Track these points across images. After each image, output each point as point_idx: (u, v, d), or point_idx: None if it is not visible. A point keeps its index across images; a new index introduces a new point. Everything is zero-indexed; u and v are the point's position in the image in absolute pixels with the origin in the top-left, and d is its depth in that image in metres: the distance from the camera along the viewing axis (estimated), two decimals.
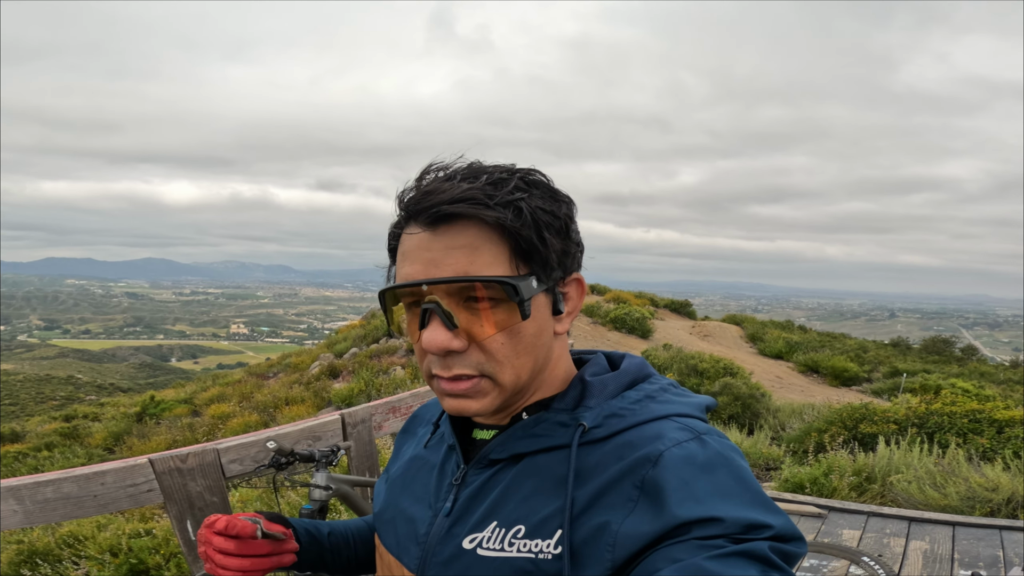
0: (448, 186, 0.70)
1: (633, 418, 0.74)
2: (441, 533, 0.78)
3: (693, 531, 0.62)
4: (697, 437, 0.71)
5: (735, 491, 0.66)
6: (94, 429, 15.93)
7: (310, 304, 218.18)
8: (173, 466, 2.21)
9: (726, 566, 0.59)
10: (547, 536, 0.69)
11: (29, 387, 41.42)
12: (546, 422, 0.76)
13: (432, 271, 0.70)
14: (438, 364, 0.73)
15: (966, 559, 2.97)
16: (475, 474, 0.79)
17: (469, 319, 0.70)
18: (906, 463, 4.70)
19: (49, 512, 2.12)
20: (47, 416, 22.36)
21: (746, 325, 23.94)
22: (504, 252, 0.70)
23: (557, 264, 0.73)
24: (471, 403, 0.74)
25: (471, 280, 0.69)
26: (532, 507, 0.72)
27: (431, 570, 0.77)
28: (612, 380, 0.79)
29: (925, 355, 22.79)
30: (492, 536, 0.73)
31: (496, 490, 0.76)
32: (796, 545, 0.64)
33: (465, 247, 0.69)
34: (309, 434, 2.47)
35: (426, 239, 0.71)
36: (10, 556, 4.84)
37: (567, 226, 0.74)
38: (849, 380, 16.89)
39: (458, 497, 0.79)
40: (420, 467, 0.88)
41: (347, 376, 15.84)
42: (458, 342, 0.71)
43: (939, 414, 6.35)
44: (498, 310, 0.70)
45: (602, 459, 0.71)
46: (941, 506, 3.92)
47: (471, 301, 0.70)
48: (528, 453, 0.76)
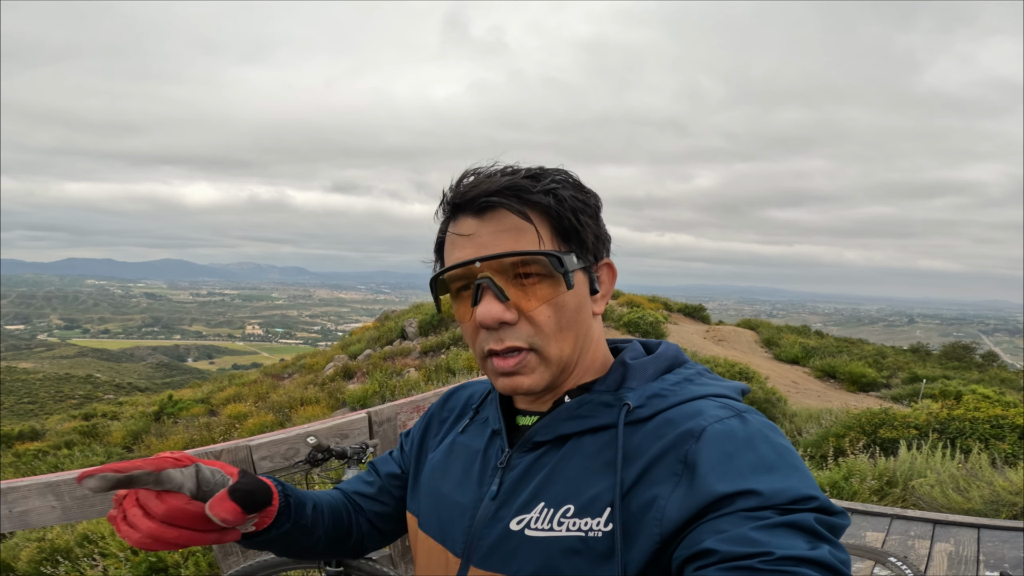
0: (491, 179, 0.78)
1: (674, 398, 0.77)
2: (487, 516, 0.79)
3: (737, 503, 0.63)
4: (738, 415, 0.74)
5: (778, 465, 0.67)
6: (113, 428, 16.13)
7: (324, 306, 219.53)
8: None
9: (773, 536, 0.60)
10: (596, 514, 0.71)
11: (48, 386, 42.00)
12: (590, 403, 0.79)
13: (482, 253, 0.77)
14: (492, 338, 0.78)
15: (991, 560, 2.96)
16: (520, 457, 0.81)
17: (517, 294, 0.77)
18: (929, 467, 4.66)
19: (87, 508, 2.15)
20: (66, 415, 22.65)
21: (761, 330, 23.76)
22: (547, 233, 0.77)
23: (592, 245, 0.80)
24: (523, 379, 0.78)
25: (520, 254, 0.75)
26: (580, 486, 0.74)
27: (477, 553, 0.78)
28: (651, 363, 0.83)
29: (945, 361, 22.49)
30: (540, 516, 0.74)
31: (542, 472, 0.78)
32: (840, 518, 0.65)
33: (511, 229, 0.76)
34: (337, 432, 2.51)
35: (474, 226, 0.78)
36: (31, 554, 4.91)
37: (597, 214, 0.83)
38: (867, 386, 16.71)
39: (503, 480, 0.81)
40: (461, 452, 0.90)
41: (361, 377, 15.93)
42: (510, 314, 0.76)
43: (961, 419, 6.29)
44: (543, 284, 0.77)
45: (645, 437, 0.74)
46: (965, 510, 3.89)
47: (519, 278, 0.76)
48: (573, 434, 0.79)
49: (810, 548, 0.59)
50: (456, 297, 0.81)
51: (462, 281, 0.80)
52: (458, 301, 0.81)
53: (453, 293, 0.82)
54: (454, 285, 0.81)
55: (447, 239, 0.82)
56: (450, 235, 0.81)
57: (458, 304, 0.81)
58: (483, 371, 0.83)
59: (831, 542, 0.62)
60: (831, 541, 0.62)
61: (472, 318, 0.79)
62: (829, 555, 0.60)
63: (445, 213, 0.82)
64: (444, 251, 0.83)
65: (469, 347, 0.84)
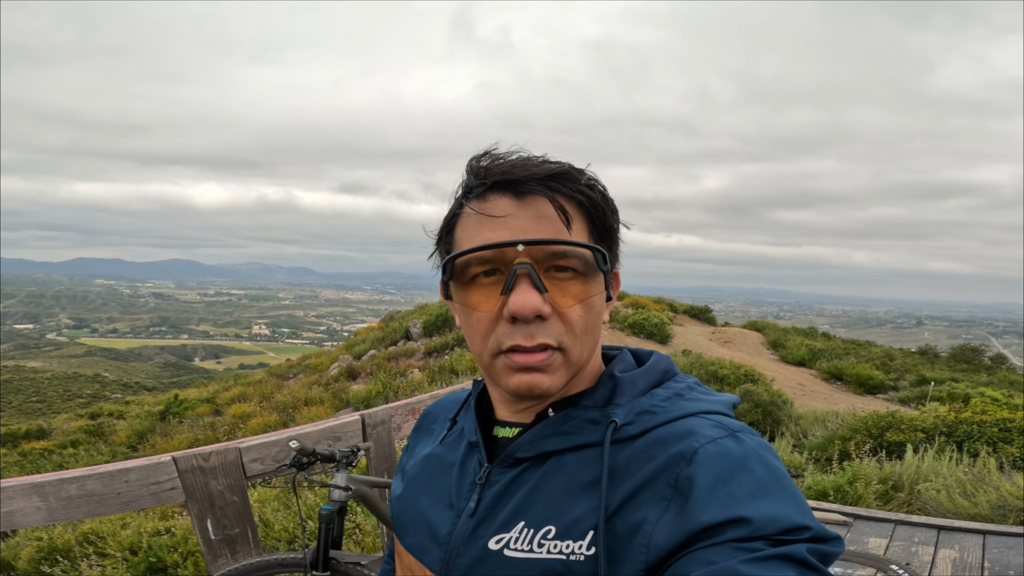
0: (535, 162, 0.72)
1: (665, 415, 0.72)
2: (465, 534, 0.75)
3: (727, 532, 0.60)
4: (732, 434, 0.69)
5: (771, 491, 0.63)
6: (118, 427, 16.22)
7: (330, 306, 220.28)
8: (196, 464, 2.23)
9: (762, 569, 0.57)
10: (579, 537, 0.67)
11: (56, 385, 42.29)
12: (576, 419, 0.74)
13: (521, 237, 0.70)
14: (520, 333, 0.70)
15: (997, 567, 2.90)
16: (500, 473, 0.77)
17: (553, 288, 0.71)
18: (935, 471, 4.60)
19: (72, 510, 2.14)
20: (73, 413, 22.79)
21: (767, 332, 23.64)
22: (586, 228, 0.73)
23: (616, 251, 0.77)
24: (543, 378, 0.72)
25: (570, 244, 0.70)
26: (562, 507, 0.70)
27: (455, 571, 0.75)
28: (641, 377, 0.77)
29: (953, 363, 22.30)
30: (520, 537, 0.71)
31: (523, 489, 0.74)
32: (833, 545, 0.62)
33: (554, 218, 0.71)
34: (329, 434, 2.48)
35: (512, 206, 0.71)
36: (30, 553, 4.91)
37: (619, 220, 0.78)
38: (874, 388, 16.59)
39: (482, 497, 0.77)
40: (437, 465, 0.86)
41: (365, 378, 15.95)
42: (547, 307, 0.70)
43: (969, 423, 6.21)
44: (577, 281, 0.71)
45: (634, 457, 0.70)
46: (971, 515, 3.82)
47: (554, 271, 0.71)
48: (557, 451, 0.74)
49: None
50: (473, 284, 0.72)
51: (488, 265, 0.71)
52: (476, 288, 0.72)
53: (469, 280, 0.73)
54: (476, 268, 0.72)
55: (467, 218, 0.74)
56: (474, 214, 0.72)
57: (477, 291, 0.72)
58: (488, 370, 0.76)
59: (821, 572, 0.59)
60: (821, 572, 0.59)
61: (499, 308, 0.71)
62: None
63: (473, 189, 0.73)
64: (460, 231, 0.75)
65: (470, 343, 0.76)
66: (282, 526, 4.54)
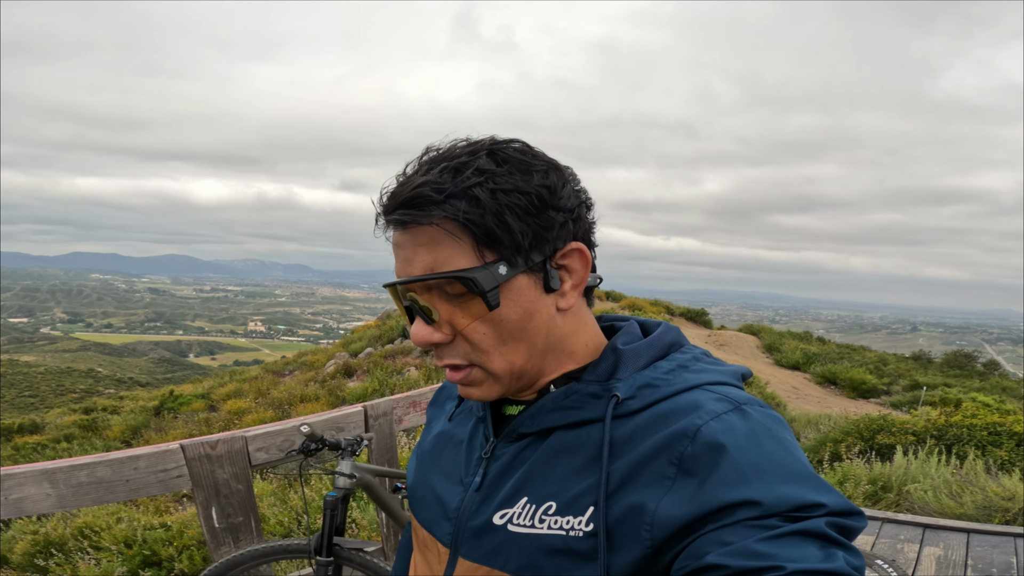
0: (408, 183, 0.69)
1: (668, 388, 0.70)
2: (472, 508, 0.76)
3: (738, 513, 0.58)
4: (737, 408, 0.66)
5: (781, 468, 0.60)
6: (112, 422, 16.16)
7: (327, 304, 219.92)
8: (203, 452, 2.28)
9: (781, 547, 0.54)
10: (579, 513, 0.67)
11: (50, 379, 42.09)
12: (577, 394, 0.73)
13: (407, 269, 0.70)
14: (435, 354, 0.75)
15: (979, 565, 2.97)
16: (504, 447, 0.77)
17: (450, 311, 0.70)
18: (923, 472, 4.68)
19: (82, 496, 2.17)
20: (66, 408, 22.69)
21: (763, 335, 23.75)
22: (466, 243, 0.68)
23: (533, 243, 0.69)
24: (471, 390, 0.74)
25: (427, 279, 0.68)
26: (563, 483, 0.70)
27: (464, 544, 0.76)
28: (645, 349, 0.75)
29: (946, 369, 22.45)
30: (522, 512, 0.71)
31: (525, 465, 0.74)
32: (855, 520, 0.59)
33: (427, 244, 0.69)
34: (333, 424, 2.53)
35: (400, 237, 0.71)
36: (25, 547, 4.91)
37: (542, 199, 0.69)
38: (867, 392, 16.70)
39: (487, 471, 0.77)
40: (447, 441, 0.87)
41: (362, 375, 15.98)
42: (439, 335, 0.71)
43: (959, 426, 6.29)
44: (473, 301, 0.69)
45: (636, 431, 0.68)
46: (957, 515, 3.90)
47: (444, 296, 0.70)
48: (559, 427, 0.73)
49: (824, 558, 0.54)
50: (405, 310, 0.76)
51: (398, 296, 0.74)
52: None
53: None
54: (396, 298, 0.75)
55: None
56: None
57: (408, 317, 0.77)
58: None
59: (846, 547, 0.56)
60: (846, 546, 0.56)
61: None
62: (845, 565, 0.54)
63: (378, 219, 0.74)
64: None
65: None
66: (277, 520, 4.58)
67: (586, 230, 0.74)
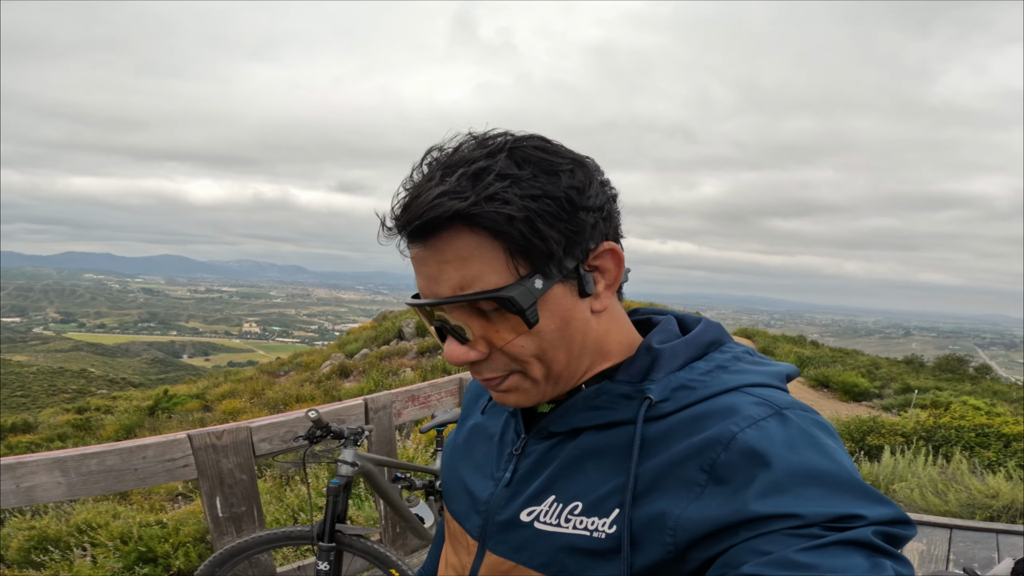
0: (423, 192, 0.63)
1: (704, 390, 0.67)
2: (501, 504, 0.75)
3: (775, 523, 0.54)
4: (777, 412, 0.62)
5: (822, 478, 0.56)
6: (106, 421, 16.13)
7: (322, 305, 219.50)
8: (209, 443, 2.35)
9: (824, 557, 0.51)
10: (604, 515, 0.65)
11: (42, 379, 41.90)
12: (608, 394, 0.70)
13: (433, 287, 0.66)
14: (471, 370, 0.71)
15: (961, 560, 3.05)
16: (534, 444, 0.76)
17: (485, 326, 0.66)
18: (911, 472, 4.77)
19: (91, 485, 2.24)
20: (59, 408, 22.60)
21: (757, 339, 23.89)
22: (498, 256, 0.63)
23: (566, 249, 0.64)
24: (510, 396, 0.72)
25: (460, 299, 0.63)
26: (591, 484, 0.68)
27: (491, 538, 0.75)
28: (683, 349, 0.71)
29: (938, 373, 22.61)
30: (549, 510, 0.70)
31: (555, 463, 0.72)
32: (904, 528, 0.55)
33: (454, 260, 0.63)
34: (335, 416, 2.61)
35: (421, 253, 0.66)
36: (20, 542, 4.94)
37: (572, 202, 0.63)
38: (859, 395, 16.82)
39: (518, 467, 0.76)
40: (480, 435, 0.86)
41: (358, 376, 16.01)
42: (475, 353, 0.68)
43: (947, 427, 6.40)
44: (509, 317, 0.65)
45: (668, 434, 0.65)
46: (942, 512, 3.99)
47: (477, 313, 0.66)
48: (589, 427, 0.71)
49: (870, 568, 0.51)
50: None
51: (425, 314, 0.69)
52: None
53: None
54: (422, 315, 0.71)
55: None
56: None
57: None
58: None
59: (894, 556, 0.53)
60: (893, 555, 0.53)
61: None
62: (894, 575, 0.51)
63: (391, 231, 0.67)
64: None
65: None
66: (273, 517, 4.64)
67: (616, 225, 0.70)
